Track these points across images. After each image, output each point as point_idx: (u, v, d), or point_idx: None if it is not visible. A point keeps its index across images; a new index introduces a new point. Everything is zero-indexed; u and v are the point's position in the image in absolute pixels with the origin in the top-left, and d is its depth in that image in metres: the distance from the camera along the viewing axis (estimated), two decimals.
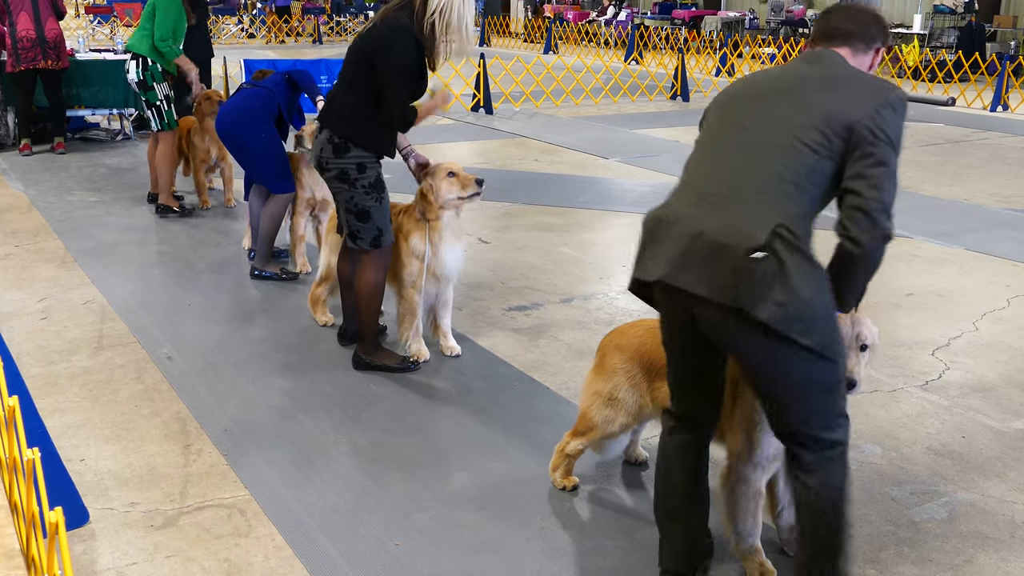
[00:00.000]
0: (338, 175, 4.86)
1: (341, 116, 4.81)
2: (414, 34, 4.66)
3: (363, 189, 4.86)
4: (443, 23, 4.65)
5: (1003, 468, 4.25)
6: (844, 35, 3.07)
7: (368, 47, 4.71)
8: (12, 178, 9.83)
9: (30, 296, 6.31)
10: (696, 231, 2.79)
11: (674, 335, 3.08)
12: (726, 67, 19.91)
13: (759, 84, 3.04)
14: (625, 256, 7.39)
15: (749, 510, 3.34)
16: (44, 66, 10.66)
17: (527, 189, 9.66)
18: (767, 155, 2.82)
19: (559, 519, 3.83)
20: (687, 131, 13.31)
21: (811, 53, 3.07)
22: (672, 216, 2.89)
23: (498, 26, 31.58)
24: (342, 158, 4.82)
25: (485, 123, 13.94)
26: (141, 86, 8.03)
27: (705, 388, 3.17)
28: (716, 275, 2.73)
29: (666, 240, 2.88)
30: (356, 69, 4.78)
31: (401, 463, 4.25)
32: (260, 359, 5.36)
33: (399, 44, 4.64)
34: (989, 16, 22.34)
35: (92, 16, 28.48)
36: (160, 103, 8.10)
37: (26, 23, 10.52)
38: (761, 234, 2.68)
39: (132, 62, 8.00)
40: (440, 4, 4.64)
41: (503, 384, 5.08)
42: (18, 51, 10.53)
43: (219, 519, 3.80)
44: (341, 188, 4.91)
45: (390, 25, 4.68)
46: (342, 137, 4.80)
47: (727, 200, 2.81)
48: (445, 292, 5.36)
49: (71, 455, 4.23)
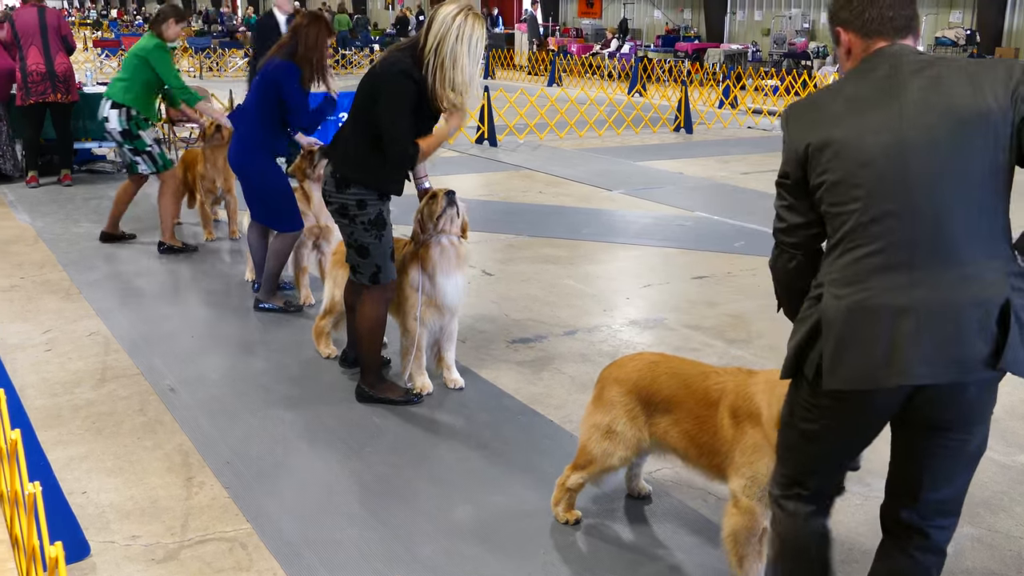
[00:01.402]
0: (338, 209, 4.92)
1: (344, 152, 4.87)
2: (411, 73, 4.65)
3: (362, 226, 4.88)
4: (437, 60, 4.63)
5: (1009, 503, 4.23)
6: (907, 23, 2.70)
7: (370, 86, 4.76)
8: (19, 210, 9.88)
9: (35, 328, 6.32)
10: (917, 310, 2.52)
11: (869, 424, 2.76)
12: (729, 99, 19.98)
13: (890, 127, 2.57)
14: (629, 288, 7.40)
15: (754, 546, 3.33)
16: (54, 99, 10.75)
17: (531, 221, 9.68)
18: (957, 192, 2.53)
19: (561, 553, 3.81)
20: (691, 163, 13.35)
21: (901, 61, 2.63)
22: (872, 303, 2.55)
23: (502, 59, 31.76)
24: (342, 193, 4.86)
25: (489, 155, 13.99)
26: (126, 135, 7.99)
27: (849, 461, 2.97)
28: (963, 350, 2.51)
29: (878, 333, 2.54)
30: (360, 107, 4.82)
31: (404, 496, 4.23)
32: (263, 391, 5.36)
33: (393, 83, 4.66)
34: (991, 48, 22.44)
35: (100, 49, 28.63)
36: (151, 147, 8.14)
37: (36, 57, 10.63)
38: (1000, 286, 2.51)
39: (113, 111, 7.91)
40: (434, 42, 4.61)
41: (506, 417, 5.07)
42: (28, 84, 10.63)
43: (221, 552, 3.79)
44: (342, 223, 4.98)
45: (388, 64, 4.72)
46: (343, 173, 4.85)
47: (937, 263, 2.52)
48: (450, 325, 5.36)
49: (73, 488, 4.22)
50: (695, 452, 3.57)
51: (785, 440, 2.94)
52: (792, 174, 2.71)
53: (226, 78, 26.58)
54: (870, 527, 3.98)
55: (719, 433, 3.45)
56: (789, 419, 2.88)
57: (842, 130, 2.60)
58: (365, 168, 4.83)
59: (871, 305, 2.54)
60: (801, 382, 2.77)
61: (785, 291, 2.94)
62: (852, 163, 2.57)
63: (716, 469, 3.51)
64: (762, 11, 29.25)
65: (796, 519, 2.94)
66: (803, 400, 2.77)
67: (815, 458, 2.88)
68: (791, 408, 2.85)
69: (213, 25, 42.33)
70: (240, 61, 30.05)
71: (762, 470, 3.26)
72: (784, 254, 2.83)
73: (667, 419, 3.65)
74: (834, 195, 2.60)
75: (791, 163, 2.70)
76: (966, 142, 2.52)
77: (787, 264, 2.84)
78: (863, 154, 2.56)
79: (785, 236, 2.80)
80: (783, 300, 2.99)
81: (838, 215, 2.61)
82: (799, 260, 2.80)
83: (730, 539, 3.38)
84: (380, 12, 45.59)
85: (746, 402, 3.35)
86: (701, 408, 3.53)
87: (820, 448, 2.84)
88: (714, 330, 6.43)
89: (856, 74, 2.70)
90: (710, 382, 3.54)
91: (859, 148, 2.57)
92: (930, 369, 2.53)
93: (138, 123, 7.98)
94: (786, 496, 2.96)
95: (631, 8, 33.66)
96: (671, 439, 3.64)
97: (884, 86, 2.61)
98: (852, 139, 2.58)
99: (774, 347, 6.05)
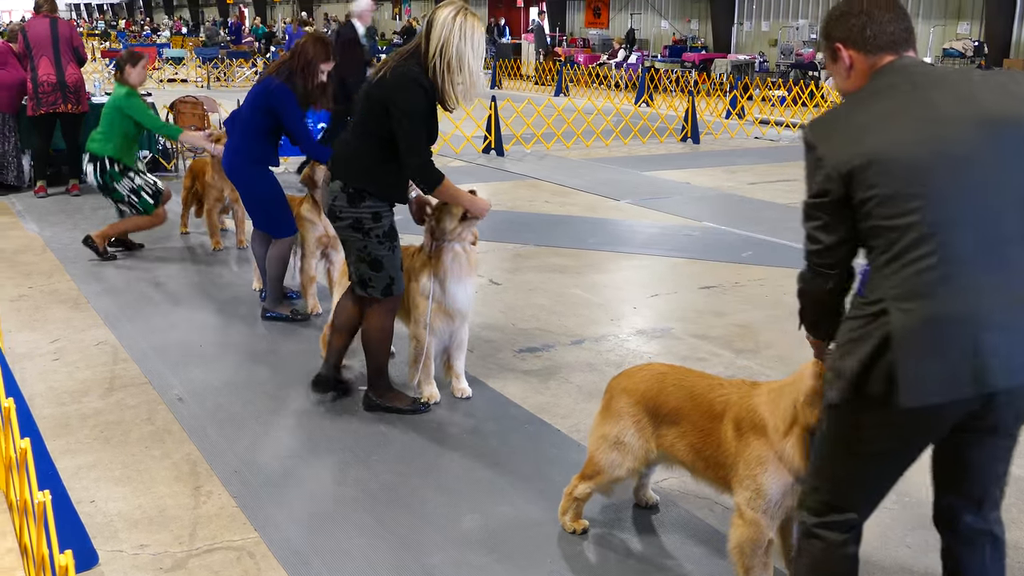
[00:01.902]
0: (352, 224, 4.82)
1: (355, 165, 4.79)
2: (421, 81, 4.63)
3: (377, 238, 4.83)
4: (444, 63, 4.63)
5: (1018, 514, 4.21)
6: (908, 36, 2.76)
7: (381, 95, 4.68)
8: (27, 220, 9.91)
9: (43, 337, 6.34)
10: (990, 317, 2.53)
11: (935, 437, 2.78)
12: (736, 109, 19.99)
13: (934, 137, 2.59)
14: (636, 298, 7.40)
15: (760, 558, 3.32)
16: (64, 110, 10.83)
17: (538, 231, 9.69)
18: (1005, 197, 2.58)
19: (569, 563, 3.80)
20: (698, 173, 13.35)
21: (919, 74, 2.69)
22: (946, 313, 2.53)
23: (509, 69, 31.81)
24: (357, 207, 4.78)
25: (496, 165, 14.01)
26: (103, 188, 8.18)
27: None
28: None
29: (957, 343, 2.54)
30: (370, 117, 4.75)
31: (411, 505, 4.23)
32: (271, 400, 5.36)
33: (408, 91, 4.63)
34: (999, 60, 22.42)
35: (108, 60, 28.77)
36: (128, 197, 8.20)
37: (47, 68, 10.74)
38: None
39: (89, 166, 8.13)
40: (438, 45, 4.61)
41: (513, 426, 5.07)
42: (39, 95, 10.72)
43: (228, 561, 3.79)
44: (355, 237, 4.86)
45: (398, 74, 4.66)
46: (357, 186, 4.77)
47: (999, 269, 2.55)
48: (459, 333, 5.36)
49: (81, 496, 4.22)
50: (701, 465, 3.57)
51: (835, 465, 2.85)
52: (833, 191, 2.66)
53: (234, 88, 26.66)
54: (876, 536, 3.97)
55: (723, 446, 3.44)
56: (843, 443, 2.79)
57: (885, 144, 2.59)
58: (378, 179, 4.80)
59: (945, 316, 2.52)
60: (863, 403, 2.68)
61: (821, 314, 2.91)
62: (903, 176, 2.56)
63: (722, 481, 3.51)
64: (769, 22, 29.28)
65: (832, 548, 2.89)
66: (866, 421, 2.70)
67: (872, 481, 2.83)
68: (846, 431, 2.77)
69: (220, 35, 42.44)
70: (248, 71, 30.16)
71: (765, 482, 3.26)
72: (819, 276, 2.80)
73: (674, 431, 3.64)
74: (888, 208, 2.58)
75: (831, 181, 2.65)
76: (1007, 148, 2.57)
77: (823, 286, 2.81)
78: (913, 167, 2.56)
79: (821, 258, 2.77)
80: (817, 322, 2.96)
81: (892, 228, 2.58)
82: (835, 281, 2.78)
83: (736, 551, 3.38)
84: (387, 22, 45.73)
85: (749, 414, 3.35)
86: (706, 420, 3.53)
87: (881, 469, 2.80)
88: (721, 340, 6.43)
89: (877, 89, 2.70)
90: (715, 394, 3.54)
91: (908, 161, 2.57)
92: (1009, 374, 2.54)
93: (112, 176, 8.09)
94: (824, 524, 2.90)
95: (638, 18, 33.73)
96: (678, 451, 3.64)
97: (914, 99, 2.64)
98: (899, 153, 2.58)
99: (782, 357, 6.05)
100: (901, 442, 2.72)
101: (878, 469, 2.80)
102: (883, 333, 2.58)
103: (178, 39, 41.88)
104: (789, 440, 3.20)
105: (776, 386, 3.36)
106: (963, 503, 2.91)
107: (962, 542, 2.95)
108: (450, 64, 4.62)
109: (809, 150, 2.74)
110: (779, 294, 7.40)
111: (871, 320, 2.62)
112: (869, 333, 2.62)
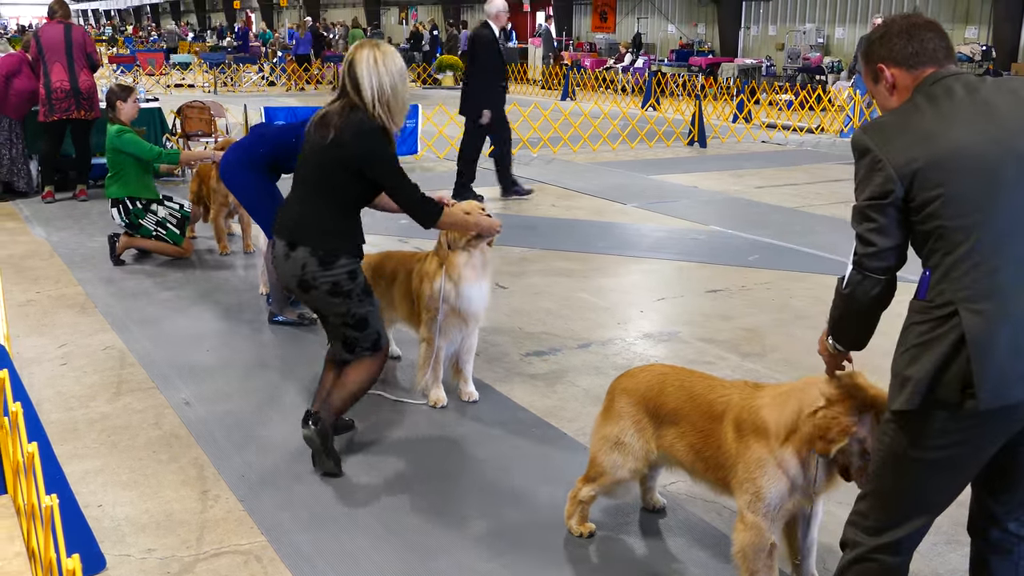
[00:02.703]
0: (330, 290, 4.51)
1: (322, 226, 4.51)
2: (376, 126, 4.46)
3: (358, 297, 4.57)
4: (384, 104, 4.48)
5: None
6: (948, 52, 2.82)
7: (344, 154, 4.42)
8: (34, 225, 9.94)
9: (51, 342, 6.36)
10: None
11: (1001, 441, 2.72)
12: (743, 113, 19.98)
13: (998, 140, 2.64)
14: (643, 302, 7.40)
15: (763, 561, 3.32)
16: (77, 116, 10.90)
17: (545, 234, 9.69)
18: None
19: (575, 566, 3.80)
20: (704, 177, 13.35)
21: (969, 81, 2.76)
22: (1021, 313, 2.56)
23: (516, 73, 31.84)
24: (332, 270, 4.48)
25: None
26: (131, 227, 8.32)
27: None
28: None
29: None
30: (329, 176, 4.48)
31: (417, 509, 4.23)
32: (277, 404, 5.37)
33: (375, 140, 4.46)
34: (1007, 64, 22.38)
35: (115, 65, 28.85)
36: (156, 230, 8.34)
37: (60, 74, 10.82)
38: None
39: (113, 209, 8.32)
40: (374, 91, 4.45)
41: (520, 430, 5.07)
42: (52, 101, 10.82)
43: (236, 565, 3.79)
44: (334, 303, 4.55)
45: (355, 130, 4.42)
46: (328, 247, 4.50)
47: None
48: (470, 338, 5.36)
49: (88, 501, 4.23)
50: (701, 466, 3.56)
51: (896, 478, 2.81)
52: (894, 193, 2.65)
53: (240, 92, 26.72)
54: None
55: (723, 447, 3.44)
56: (906, 454, 2.75)
57: (952, 144, 2.62)
58: (348, 235, 4.57)
59: (1020, 314, 2.54)
60: (933, 409, 2.65)
61: (864, 320, 2.87)
62: (972, 174, 2.58)
63: (722, 483, 3.50)
64: (776, 26, 29.24)
65: (888, 573, 2.86)
66: (936, 428, 2.66)
67: (934, 493, 2.78)
68: (911, 440, 2.73)
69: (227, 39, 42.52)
70: (254, 76, 30.23)
71: (765, 485, 3.25)
72: (868, 280, 2.76)
73: (673, 431, 3.64)
74: (954, 208, 2.58)
75: (892, 182, 2.64)
76: None
77: (870, 291, 2.77)
78: (982, 166, 2.59)
79: (873, 261, 2.73)
80: (856, 330, 2.92)
81: (959, 228, 2.58)
82: (882, 287, 2.76)
83: (739, 555, 3.37)
84: (394, 27, 45.79)
85: (751, 416, 3.34)
86: (706, 421, 3.52)
87: (945, 479, 2.76)
88: (728, 344, 6.42)
89: (932, 95, 2.73)
90: (715, 395, 3.53)
91: (976, 160, 2.59)
92: None
93: (137, 213, 8.26)
94: (880, 548, 2.85)
95: (645, 23, 33.71)
96: (677, 452, 3.63)
97: (973, 100, 2.69)
98: (967, 152, 2.60)
99: (789, 361, 6.04)
100: (970, 448, 2.68)
101: (942, 480, 2.76)
102: (956, 335, 2.56)
103: (184, 44, 41.98)
104: (788, 448, 3.19)
105: (782, 390, 3.35)
106: (1004, 510, 2.89)
107: (994, 550, 2.93)
108: (390, 104, 4.49)
109: (864, 154, 2.73)
110: (786, 298, 7.39)
111: (940, 323, 2.60)
112: (940, 336, 2.60)
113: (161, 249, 8.43)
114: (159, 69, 31.02)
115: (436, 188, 5.64)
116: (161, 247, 8.41)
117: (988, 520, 2.93)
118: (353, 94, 4.45)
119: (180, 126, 13.37)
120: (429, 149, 15.08)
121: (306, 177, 4.57)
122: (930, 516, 2.83)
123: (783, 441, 3.21)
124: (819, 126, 18.78)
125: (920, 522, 2.83)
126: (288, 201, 4.67)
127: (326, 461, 4.54)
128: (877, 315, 2.84)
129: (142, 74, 29.09)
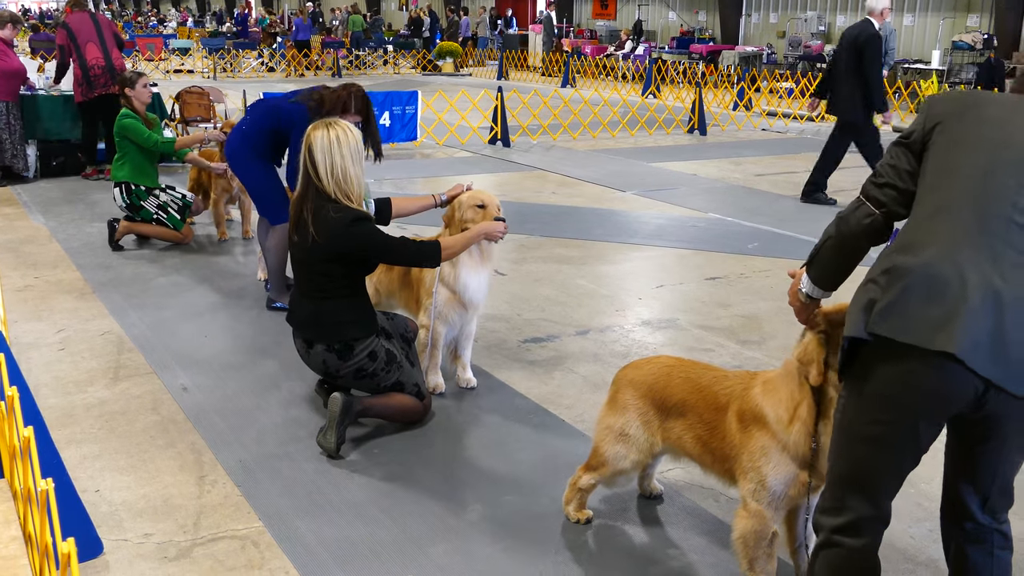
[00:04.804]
0: (355, 374, 4.73)
1: (334, 320, 4.67)
2: (355, 213, 4.55)
3: (383, 371, 4.74)
4: (341, 187, 4.57)
5: (1022, 507, 4.19)
6: None
7: (334, 248, 4.56)
8: (32, 210, 9.92)
9: (49, 327, 6.35)
10: (1002, 298, 2.53)
11: (933, 417, 2.69)
12: (743, 101, 19.94)
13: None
14: (641, 289, 7.39)
15: (764, 549, 3.32)
16: (115, 91, 10.90)
17: (544, 221, 9.68)
18: None
19: (573, 553, 3.80)
20: (704, 164, 13.33)
21: None
22: (950, 275, 2.55)
23: (516, 60, 31.77)
24: (351, 359, 4.67)
25: (502, 156, 13.99)
26: (131, 208, 8.32)
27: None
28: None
29: (954, 304, 2.53)
30: (327, 271, 4.62)
31: (416, 495, 4.24)
32: (275, 390, 5.37)
33: (360, 225, 4.55)
34: (1008, 53, 22.32)
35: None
36: (156, 213, 8.36)
37: (95, 52, 11.11)
38: None
39: (115, 189, 8.33)
40: (328, 174, 4.56)
41: (518, 417, 5.07)
42: (89, 78, 11.07)
43: (233, 551, 3.80)
44: (363, 383, 4.78)
45: (338, 224, 4.52)
46: (343, 341, 4.67)
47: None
48: (469, 325, 5.36)
49: (86, 486, 4.23)
50: (709, 458, 3.56)
51: (837, 455, 2.84)
52: (914, 135, 2.77)
53: (240, 78, 26.66)
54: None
55: (728, 438, 3.44)
56: (848, 428, 2.79)
57: (978, 118, 2.71)
58: (358, 320, 4.70)
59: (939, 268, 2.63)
60: (867, 354, 2.71)
61: (846, 252, 2.90)
62: (969, 151, 2.67)
63: (729, 474, 3.50)
64: (777, 13, 29.18)
65: (853, 556, 2.83)
66: (876, 372, 2.69)
67: (872, 470, 2.79)
68: (852, 413, 2.78)
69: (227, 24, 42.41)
70: (254, 62, 30.15)
71: (768, 473, 3.25)
72: (863, 207, 2.84)
73: (681, 424, 3.64)
74: (937, 162, 2.71)
75: (918, 124, 2.78)
76: None
77: (863, 219, 2.83)
78: (980, 150, 2.66)
79: (875, 191, 2.82)
80: (836, 261, 2.93)
81: (931, 185, 2.71)
82: (876, 220, 2.82)
83: (739, 542, 3.38)
84: (394, 13, 45.69)
85: (750, 405, 3.35)
86: (711, 413, 3.52)
87: (879, 453, 2.75)
88: (727, 331, 6.42)
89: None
90: (719, 387, 3.53)
91: (981, 143, 2.67)
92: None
93: (138, 195, 8.27)
94: (841, 528, 2.84)
95: (646, 10, 33.63)
96: (686, 445, 3.63)
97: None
98: (982, 132, 2.69)
99: (787, 348, 6.03)
100: (898, 412, 2.66)
101: (873, 453, 2.74)
102: (895, 276, 2.63)
103: (184, 30, 41.85)
104: (794, 427, 3.19)
105: (769, 376, 3.35)
106: (975, 502, 2.90)
107: (969, 540, 2.94)
108: (341, 183, 4.57)
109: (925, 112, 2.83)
110: (784, 285, 7.38)
111: (885, 262, 2.69)
112: (881, 274, 2.67)
113: (160, 234, 8.42)
114: (158, 55, 30.94)
115: (435, 174, 5.62)
116: (161, 232, 8.40)
117: (962, 512, 2.94)
118: (313, 176, 4.61)
119: (179, 112, 13.34)
120: (428, 136, 15.06)
121: (308, 275, 4.70)
122: (869, 496, 2.80)
123: (787, 425, 3.19)
124: (819, 114, 18.75)
125: (862, 501, 2.80)
126: (295, 297, 4.82)
127: (331, 437, 4.57)
128: (859, 251, 2.86)
129: (141, 59, 29.03)
